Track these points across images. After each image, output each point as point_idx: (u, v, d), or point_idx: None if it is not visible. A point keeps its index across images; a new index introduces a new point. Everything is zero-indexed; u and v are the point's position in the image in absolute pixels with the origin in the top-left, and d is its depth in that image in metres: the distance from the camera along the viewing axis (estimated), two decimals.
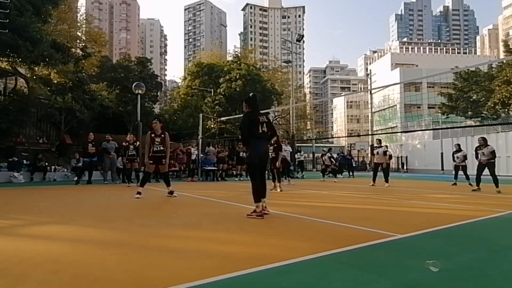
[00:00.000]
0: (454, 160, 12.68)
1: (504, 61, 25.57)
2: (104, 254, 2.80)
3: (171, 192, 7.36)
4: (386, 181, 11.54)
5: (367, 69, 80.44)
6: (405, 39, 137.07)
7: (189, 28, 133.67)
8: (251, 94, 5.07)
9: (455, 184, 11.95)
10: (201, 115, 17.05)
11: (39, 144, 16.74)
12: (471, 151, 23.04)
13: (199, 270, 2.37)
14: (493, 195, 8.58)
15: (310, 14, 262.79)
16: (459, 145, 13.08)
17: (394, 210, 5.79)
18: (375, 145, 12.60)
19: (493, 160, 9.60)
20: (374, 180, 11.69)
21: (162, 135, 7.28)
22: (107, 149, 11.87)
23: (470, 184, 10.92)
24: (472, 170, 10.87)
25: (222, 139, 23.13)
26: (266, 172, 6.03)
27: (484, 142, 9.84)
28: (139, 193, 6.97)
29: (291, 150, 12.08)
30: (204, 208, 5.99)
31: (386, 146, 13.18)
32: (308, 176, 19.70)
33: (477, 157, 9.87)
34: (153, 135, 7.27)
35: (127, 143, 11.25)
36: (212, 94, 27.69)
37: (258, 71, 31.66)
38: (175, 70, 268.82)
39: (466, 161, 12.62)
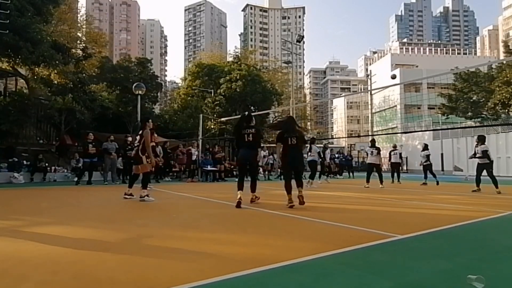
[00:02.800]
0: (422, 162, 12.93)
1: (504, 61, 25.55)
2: (104, 255, 2.80)
3: (131, 194, 6.96)
4: (367, 180, 11.32)
5: (367, 69, 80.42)
6: (405, 40, 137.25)
7: (189, 28, 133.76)
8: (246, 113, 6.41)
9: (425, 183, 12.28)
10: (201, 115, 17.05)
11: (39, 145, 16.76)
12: (471, 151, 23.12)
13: (199, 271, 2.37)
14: (493, 195, 8.58)
15: (310, 15, 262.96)
16: (426, 144, 13.33)
17: (394, 211, 5.78)
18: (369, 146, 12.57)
19: (487, 161, 9.36)
20: (381, 182, 11.32)
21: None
22: (108, 150, 11.88)
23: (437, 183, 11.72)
24: (472, 170, 10.86)
25: (222, 139, 23.15)
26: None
27: (479, 140, 9.59)
28: (147, 195, 6.70)
29: (318, 151, 12.10)
30: (204, 209, 6.00)
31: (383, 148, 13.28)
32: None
33: (475, 155, 9.71)
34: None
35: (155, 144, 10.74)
36: (212, 94, 27.71)
37: (258, 71, 31.68)
38: (175, 70, 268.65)
39: (429, 161, 12.90)
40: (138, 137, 7.02)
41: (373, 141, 12.09)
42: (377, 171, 11.41)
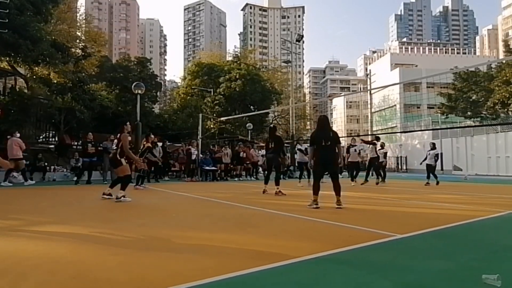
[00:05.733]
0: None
1: (504, 61, 25.58)
2: (103, 255, 2.80)
3: (109, 194, 6.87)
4: (352, 179, 12.07)
5: (366, 69, 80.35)
6: (404, 39, 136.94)
7: (189, 28, 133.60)
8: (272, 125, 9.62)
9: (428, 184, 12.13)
10: (200, 115, 17.04)
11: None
12: (470, 151, 23.15)
13: (198, 270, 2.37)
14: (492, 195, 8.59)
15: (309, 14, 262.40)
16: (433, 143, 13.33)
17: (393, 210, 5.79)
18: (351, 144, 12.98)
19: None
20: (352, 180, 12.09)
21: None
22: (107, 149, 11.88)
23: (427, 183, 11.90)
24: (472, 170, 10.84)
25: (221, 139, 23.13)
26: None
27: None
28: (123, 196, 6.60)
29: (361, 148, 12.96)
30: (204, 209, 5.99)
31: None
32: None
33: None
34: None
35: (153, 144, 10.50)
36: (212, 94, 27.69)
37: (257, 71, 31.68)
38: (174, 70, 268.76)
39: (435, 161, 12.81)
40: (115, 141, 6.91)
41: (353, 141, 13.46)
42: (355, 169, 12.49)
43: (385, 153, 14.27)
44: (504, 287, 2.23)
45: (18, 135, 11.06)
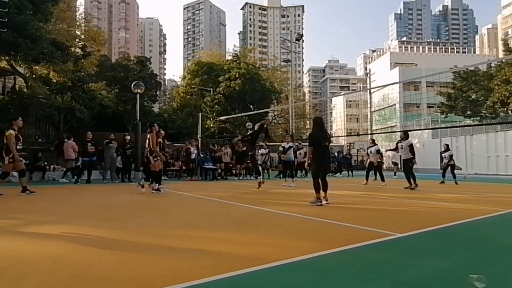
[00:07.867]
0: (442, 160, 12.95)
1: (503, 60, 25.56)
2: (103, 254, 2.80)
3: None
4: (382, 180, 11.66)
5: (366, 68, 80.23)
6: (404, 39, 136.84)
7: (188, 27, 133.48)
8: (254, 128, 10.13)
9: (442, 182, 12.29)
10: (200, 114, 17.03)
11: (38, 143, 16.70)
12: (470, 150, 23.15)
13: (198, 270, 2.37)
14: (492, 194, 8.59)
15: (309, 14, 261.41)
16: (447, 145, 13.41)
17: (393, 209, 5.79)
18: (369, 145, 12.83)
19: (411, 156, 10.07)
20: (367, 179, 11.97)
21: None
22: (110, 148, 11.91)
23: (456, 182, 11.81)
24: (471, 169, 10.83)
25: (221, 138, 23.13)
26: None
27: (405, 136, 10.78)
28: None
29: (378, 149, 12.46)
30: (203, 208, 5.99)
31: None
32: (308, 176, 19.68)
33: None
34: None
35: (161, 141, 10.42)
36: (212, 93, 27.67)
37: (257, 70, 31.65)
38: (174, 69, 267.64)
39: (452, 160, 12.85)
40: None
41: (372, 140, 12.77)
42: (376, 169, 12.11)
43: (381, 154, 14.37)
44: (504, 286, 2.24)
45: (72, 139, 12.66)
